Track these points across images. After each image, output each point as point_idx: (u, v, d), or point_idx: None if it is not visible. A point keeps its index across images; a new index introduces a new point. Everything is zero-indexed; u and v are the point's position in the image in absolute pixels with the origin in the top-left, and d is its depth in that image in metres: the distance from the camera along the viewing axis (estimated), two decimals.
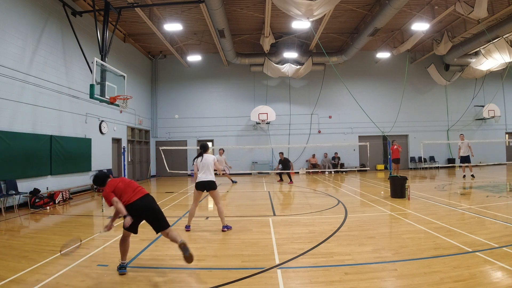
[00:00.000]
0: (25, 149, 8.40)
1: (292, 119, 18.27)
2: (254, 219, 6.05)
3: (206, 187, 5.54)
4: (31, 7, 8.97)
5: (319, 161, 17.95)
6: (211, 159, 5.64)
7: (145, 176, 17.09)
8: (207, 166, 5.57)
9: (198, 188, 5.57)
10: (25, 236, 5.59)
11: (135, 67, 16.08)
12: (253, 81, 18.38)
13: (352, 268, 3.60)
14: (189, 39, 15.76)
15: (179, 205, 8.28)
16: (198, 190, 5.59)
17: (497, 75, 18.62)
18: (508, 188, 9.44)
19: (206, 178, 5.51)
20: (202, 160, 5.60)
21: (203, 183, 5.52)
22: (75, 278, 3.49)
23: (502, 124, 18.87)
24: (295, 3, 9.79)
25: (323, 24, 12.85)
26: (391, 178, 8.46)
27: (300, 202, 8.61)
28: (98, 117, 12.28)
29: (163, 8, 12.38)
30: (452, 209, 6.63)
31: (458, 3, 11.23)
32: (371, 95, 18.28)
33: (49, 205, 8.44)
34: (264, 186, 12.08)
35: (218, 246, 4.62)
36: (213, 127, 18.10)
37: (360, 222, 5.77)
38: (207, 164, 5.57)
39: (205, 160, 5.60)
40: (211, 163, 5.61)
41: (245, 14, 13.41)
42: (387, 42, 16.61)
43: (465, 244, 4.24)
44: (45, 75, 9.42)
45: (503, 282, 3.10)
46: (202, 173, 5.55)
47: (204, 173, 5.54)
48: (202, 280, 3.47)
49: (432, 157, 18.42)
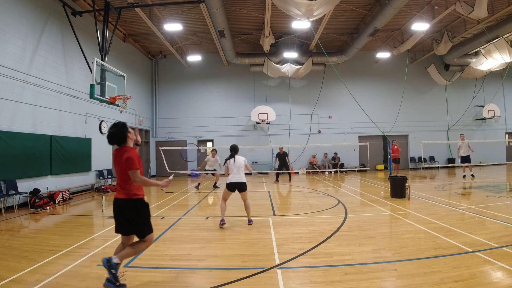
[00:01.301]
0: (25, 149, 8.40)
1: (292, 119, 18.27)
2: (254, 219, 6.05)
3: (238, 187, 5.71)
4: (31, 7, 8.97)
5: (319, 161, 17.96)
6: (242, 161, 5.86)
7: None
8: (238, 167, 5.75)
9: (229, 189, 5.75)
10: (25, 236, 5.59)
11: (135, 67, 16.08)
12: (253, 81, 18.38)
13: (352, 268, 3.60)
14: (189, 39, 15.76)
15: (179, 205, 8.28)
16: (229, 190, 5.77)
17: (497, 75, 18.62)
18: (508, 188, 9.43)
19: (238, 180, 5.70)
20: (234, 161, 5.78)
21: (234, 184, 5.70)
22: (75, 278, 3.49)
23: (502, 124, 18.87)
24: (295, 3, 9.79)
25: (323, 24, 12.85)
26: (391, 178, 8.46)
27: (300, 202, 8.60)
28: (98, 117, 12.28)
29: (163, 8, 12.38)
30: (452, 209, 6.63)
31: (458, 3, 11.23)
32: (371, 95, 18.28)
33: (49, 205, 8.44)
34: (264, 186, 12.08)
35: (218, 246, 4.61)
36: (213, 127, 18.10)
37: (360, 222, 5.77)
38: (238, 165, 5.76)
39: (237, 162, 5.79)
40: (242, 164, 5.82)
41: (245, 14, 13.41)
42: (387, 42, 16.61)
43: (465, 244, 4.24)
44: (45, 75, 9.42)
45: (503, 282, 3.10)
46: (234, 174, 5.71)
47: (236, 174, 5.71)
48: (202, 280, 3.47)
49: (432, 157, 18.42)
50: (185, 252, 4.33)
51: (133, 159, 3.02)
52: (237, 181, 5.69)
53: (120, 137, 3.06)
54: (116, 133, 3.04)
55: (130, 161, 3.00)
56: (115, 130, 3.04)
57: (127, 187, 3.09)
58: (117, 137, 3.06)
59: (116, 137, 3.05)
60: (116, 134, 3.04)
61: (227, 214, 6.31)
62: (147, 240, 3.23)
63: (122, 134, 3.05)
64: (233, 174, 5.72)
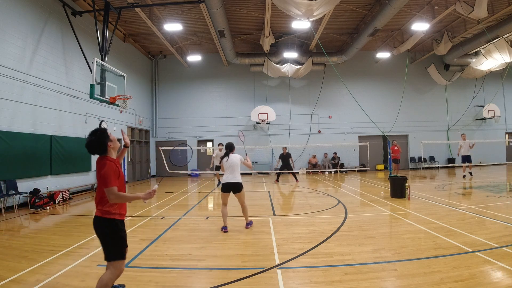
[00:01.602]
0: (25, 149, 8.40)
1: (292, 119, 18.27)
2: (254, 219, 6.05)
3: (231, 188, 5.40)
4: (31, 7, 8.97)
5: (319, 161, 17.96)
6: (237, 160, 5.47)
7: (145, 176, 17.10)
8: (232, 167, 5.40)
9: (224, 190, 5.43)
10: (25, 236, 5.59)
11: (135, 67, 16.08)
12: (253, 81, 18.38)
13: (352, 268, 3.60)
14: (189, 39, 15.76)
15: (179, 205, 8.27)
16: (224, 192, 5.44)
17: (497, 75, 18.62)
18: (508, 188, 9.44)
19: (231, 180, 5.36)
20: (228, 160, 5.44)
21: (228, 185, 5.38)
22: (75, 278, 3.49)
23: (502, 124, 18.87)
24: (295, 3, 9.79)
25: (323, 24, 12.85)
26: (391, 178, 8.46)
27: (300, 202, 8.60)
28: (98, 117, 12.27)
29: (163, 8, 12.38)
30: (452, 209, 6.63)
31: (458, 3, 11.23)
32: (371, 95, 18.28)
33: (49, 205, 8.44)
34: (264, 186, 12.08)
35: (218, 246, 4.61)
36: (213, 127, 18.10)
37: (360, 222, 5.76)
38: (232, 165, 5.41)
39: (230, 161, 5.43)
40: (237, 163, 5.44)
41: (245, 14, 13.41)
42: (387, 42, 16.61)
43: (465, 244, 4.24)
44: (45, 75, 9.42)
45: (503, 282, 3.10)
46: (228, 174, 5.40)
47: (230, 174, 5.39)
48: (202, 280, 3.47)
49: (432, 157, 18.42)
50: (185, 252, 4.33)
51: (109, 175, 2.62)
52: (230, 181, 5.36)
53: (99, 147, 2.69)
54: (94, 142, 2.67)
55: (105, 177, 2.61)
56: (93, 138, 2.67)
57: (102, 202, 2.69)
58: (96, 146, 2.69)
59: (94, 146, 2.68)
60: (94, 143, 2.67)
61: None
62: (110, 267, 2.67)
63: (102, 144, 2.69)
64: (227, 174, 5.41)
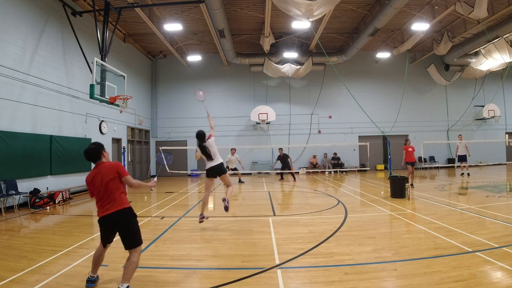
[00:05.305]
0: (25, 149, 8.40)
1: (292, 119, 18.27)
2: (254, 219, 6.05)
3: (217, 171, 5.46)
4: (31, 7, 8.97)
5: (319, 161, 17.96)
6: (212, 142, 5.55)
7: (145, 176, 17.10)
8: (214, 152, 5.47)
9: (209, 175, 5.50)
10: (25, 236, 5.59)
11: (135, 67, 16.08)
12: (253, 81, 18.37)
13: (352, 268, 3.60)
14: (189, 39, 15.76)
15: (179, 205, 8.27)
16: (209, 177, 5.51)
17: (497, 75, 18.62)
18: (508, 188, 9.44)
19: (215, 163, 5.42)
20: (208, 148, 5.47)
21: (211, 169, 5.45)
22: (75, 278, 3.49)
23: (502, 124, 18.87)
24: (295, 3, 9.79)
25: (323, 24, 12.85)
26: (391, 178, 8.46)
27: (300, 202, 8.60)
28: (98, 117, 12.27)
29: (163, 8, 12.38)
30: (452, 209, 6.63)
31: (458, 3, 11.23)
32: (371, 95, 18.27)
33: (49, 205, 8.45)
34: (264, 186, 12.08)
35: (218, 246, 4.61)
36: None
37: (360, 222, 5.76)
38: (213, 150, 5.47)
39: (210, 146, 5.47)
40: (214, 145, 5.52)
41: (245, 14, 13.41)
42: (387, 42, 16.60)
43: (465, 244, 4.24)
44: (45, 75, 9.42)
45: (503, 282, 3.11)
46: (210, 160, 5.47)
47: (212, 159, 5.45)
48: (202, 280, 3.47)
49: (432, 157, 18.42)
50: (185, 252, 4.33)
51: (122, 166, 3.38)
52: (215, 164, 5.40)
53: (96, 154, 3.38)
54: (93, 150, 3.37)
55: (122, 168, 3.33)
56: (93, 147, 3.38)
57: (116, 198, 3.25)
58: (94, 153, 3.37)
59: (92, 153, 3.37)
60: (92, 150, 3.37)
61: (227, 215, 6.31)
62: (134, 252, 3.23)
63: (98, 152, 3.38)
64: (209, 161, 5.47)
